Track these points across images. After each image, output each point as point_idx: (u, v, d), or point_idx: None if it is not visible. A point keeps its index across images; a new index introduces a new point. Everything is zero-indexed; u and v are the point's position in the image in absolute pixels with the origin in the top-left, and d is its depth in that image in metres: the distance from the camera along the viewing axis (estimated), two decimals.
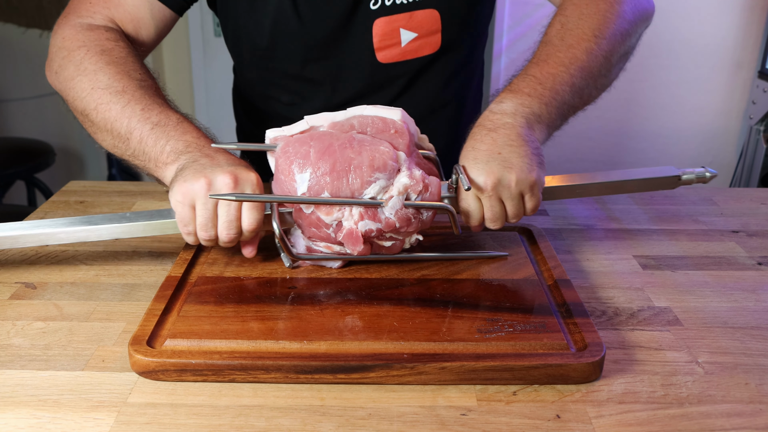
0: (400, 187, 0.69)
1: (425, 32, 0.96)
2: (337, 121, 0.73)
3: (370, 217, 0.70)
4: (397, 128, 0.73)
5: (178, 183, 0.69)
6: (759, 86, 2.33)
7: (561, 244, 0.88)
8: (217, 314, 0.66)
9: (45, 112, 2.80)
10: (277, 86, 1.01)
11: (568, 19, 0.84)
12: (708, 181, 0.86)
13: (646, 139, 2.44)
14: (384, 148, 0.70)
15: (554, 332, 0.64)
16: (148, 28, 0.91)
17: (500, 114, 0.75)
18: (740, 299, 0.76)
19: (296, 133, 0.73)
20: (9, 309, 0.72)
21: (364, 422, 0.56)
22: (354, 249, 0.71)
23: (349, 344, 0.62)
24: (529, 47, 0.86)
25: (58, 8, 2.62)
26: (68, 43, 0.84)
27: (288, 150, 0.71)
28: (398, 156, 0.70)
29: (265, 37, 0.95)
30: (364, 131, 0.73)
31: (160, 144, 0.73)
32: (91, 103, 0.79)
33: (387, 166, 0.69)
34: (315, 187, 0.69)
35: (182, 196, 0.69)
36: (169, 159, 0.73)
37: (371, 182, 0.69)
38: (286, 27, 0.93)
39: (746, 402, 0.59)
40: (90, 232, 0.75)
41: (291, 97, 1.01)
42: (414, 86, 1.01)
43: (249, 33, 0.96)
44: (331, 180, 0.69)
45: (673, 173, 0.85)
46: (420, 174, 0.70)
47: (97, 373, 0.61)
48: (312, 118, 0.73)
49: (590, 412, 0.57)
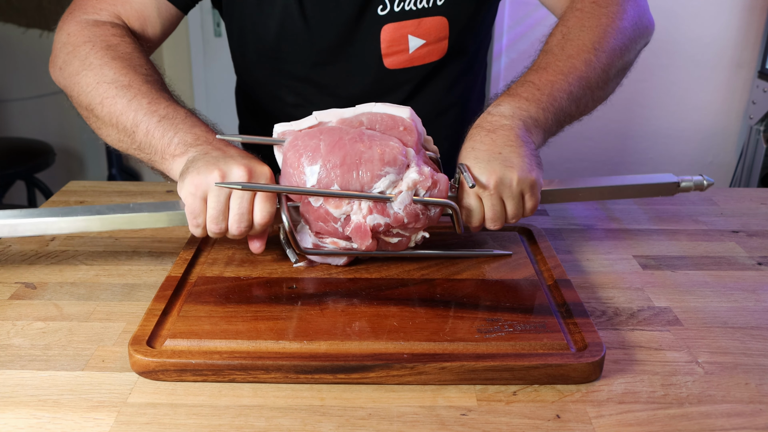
0: (410, 182, 0.69)
1: (433, 39, 0.96)
2: (345, 117, 0.73)
3: (378, 211, 0.70)
4: (406, 125, 0.73)
5: (190, 174, 0.68)
6: (759, 86, 2.33)
7: (561, 244, 0.88)
8: (217, 314, 0.66)
9: (45, 112, 2.80)
10: (284, 87, 1.01)
11: (570, 30, 0.85)
12: (705, 189, 0.89)
13: (646, 139, 2.44)
14: (394, 143, 0.70)
15: (554, 332, 0.64)
16: (154, 26, 0.90)
17: (498, 116, 0.75)
18: (740, 299, 0.76)
19: (305, 128, 0.73)
20: (9, 309, 0.72)
21: (364, 422, 0.56)
22: (362, 243, 0.71)
23: (349, 344, 0.62)
24: (529, 47, 0.87)
25: (58, 8, 2.62)
26: (73, 38, 0.83)
27: (297, 143, 0.71)
28: (407, 152, 0.71)
29: (272, 38, 0.95)
30: (373, 127, 0.73)
31: (168, 136, 0.73)
32: (97, 98, 0.78)
33: (397, 160, 0.69)
34: (325, 179, 0.69)
35: (194, 188, 0.68)
36: (177, 151, 0.72)
37: (381, 176, 0.69)
38: (293, 29, 0.93)
39: (746, 402, 0.59)
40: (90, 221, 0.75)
41: (297, 99, 1.01)
42: (420, 91, 1.01)
43: (256, 33, 0.96)
44: (341, 173, 0.68)
45: (672, 180, 0.87)
46: (429, 170, 0.70)
47: (97, 373, 0.61)
48: (321, 114, 0.73)
49: (590, 412, 0.57)
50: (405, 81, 0.99)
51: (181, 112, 0.76)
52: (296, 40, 0.94)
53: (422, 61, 0.97)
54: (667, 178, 0.87)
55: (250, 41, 0.98)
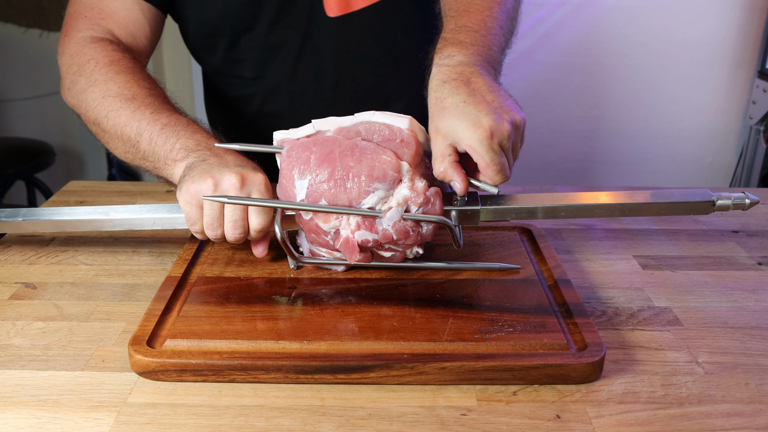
0: (400, 198, 0.68)
1: None
2: (343, 126, 0.73)
3: (367, 227, 0.69)
4: (403, 137, 0.71)
5: (186, 183, 0.70)
6: (759, 86, 2.33)
7: (561, 244, 0.88)
8: (217, 314, 0.66)
9: (45, 112, 2.80)
10: (242, 62, 1.00)
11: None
12: (747, 208, 0.74)
13: (645, 139, 2.44)
14: (386, 157, 0.68)
15: (554, 332, 0.64)
16: (144, 30, 0.92)
17: (460, 65, 0.74)
18: (740, 299, 0.76)
19: (302, 136, 0.73)
20: (9, 309, 0.72)
21: (364, 422, 0.56)
22: (350, 258, 0.71)
23: (349, 344, 0.62)
24: (529, 47, 0.87)
25: (58, 8, 2.62)
26: (77, 59, 0.86)
27: (291, 154, 0.71)
28: (401, 166, 0.69)
29: (217, 14, 0.94)
30: (371, 138, 0.72)
31: (170, 142, 0.75)
32: (102, 111, 0.80)
33: (387, 176, 0.68)
34: (313, 194, 0.69)
35: (190, 197, 0.70)
36: (178, 156, 0.74)
37: (369, 192, 0.68)
38: None
39: (746, 402, 0.59)
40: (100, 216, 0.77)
41: (256, 71, 1.01)
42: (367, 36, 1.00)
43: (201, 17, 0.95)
44: (328, 188, 0.68)
45: (707, 198, 0.74)
46: (422, 186, 0.69)
47: (97, 373, 0.61)
48: (319, 123, 0.73)
49: (590, 412, 0.57)
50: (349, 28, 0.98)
51: (182, 120, 0.77)
52: (240, 10, 0.94)
53: (363, 3, 0.97)
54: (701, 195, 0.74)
55: (201, 28, 0.97)
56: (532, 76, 2.32)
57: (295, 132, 0.73)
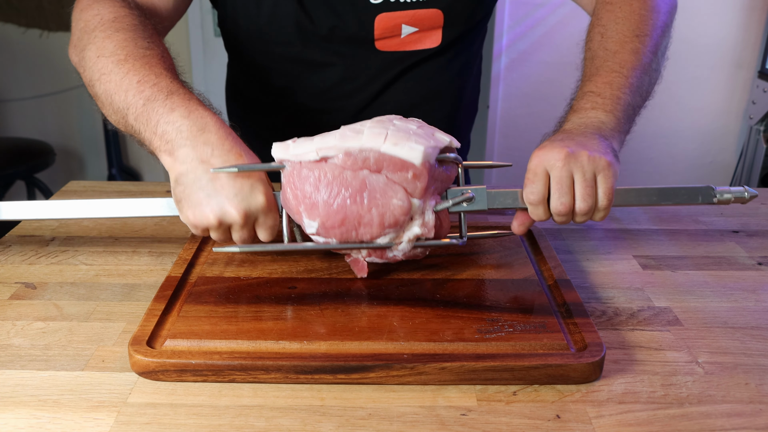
0: (411, 236, 0.70)
1: (426, 27, 0.96)
2: (351, 151, 0.66)
3: (378, 255, 0.71)
4: (416, 173, 0.67)
5: (185, 208, 0.68)
6: (759, 86, 2.33)
7: (561, 244, 0.88)
8: (217, 314, 0.66)
9: (45, 112, 2.80)
10: (273, 70, 1.01)
11: (606, 27, 0.85)
12: (747, 201, 0.77)
13: (645, 139, 2.44)
14: (397, 201, 0.67)
15: (554, 332, 0.64)
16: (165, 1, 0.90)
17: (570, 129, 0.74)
18: (740, 299, 0.76)
19: (305, 161, 0.67)
20: (9, 309, 0.72)
21: (364, 422, 0.56)
22: (358, 274, 0.73)
23: (349, 344, 0.62)
24: (529, 47, 0.87)
25: (57, 8, 2.62)
26: (85, 14, 0.82)
27: (294, 183, 0.67)
28: (411, 206, 0.68)
29: (265, 20, 0.95)
30: (380, 170, 0.67)
31: (151, 125, 0.69)
32: (96, 73, 0.76)
33: (398, 222, 0.68)
34: (324, 234, 0.69)
35: (194, 226, 0.68)
36: (162, 147, 0.69)
37: (381, 235, 0.69)
38: (286, 11, 0.94)
39: (746, 402, 0.59)
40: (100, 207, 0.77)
41: (285, 80, 1.02)
42: (410, 72, 1.01)
43: (248, 15, 0.96)
44: (339, 233, 0.68)
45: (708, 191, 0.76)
46: (432, 221, 0.70)
47: (97, 373, 0.61)
48: (323, 147, 0.67)
49: (590, 412, 0.57)
50: (395, 63, 0.99)
51: (164, 92, 0.70)
52: (289, 22, 0.94)
53: (414, 47, 0.98)
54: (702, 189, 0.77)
55: (241, 23, 0.98)
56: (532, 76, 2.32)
57: (295, 149, 0.68)
